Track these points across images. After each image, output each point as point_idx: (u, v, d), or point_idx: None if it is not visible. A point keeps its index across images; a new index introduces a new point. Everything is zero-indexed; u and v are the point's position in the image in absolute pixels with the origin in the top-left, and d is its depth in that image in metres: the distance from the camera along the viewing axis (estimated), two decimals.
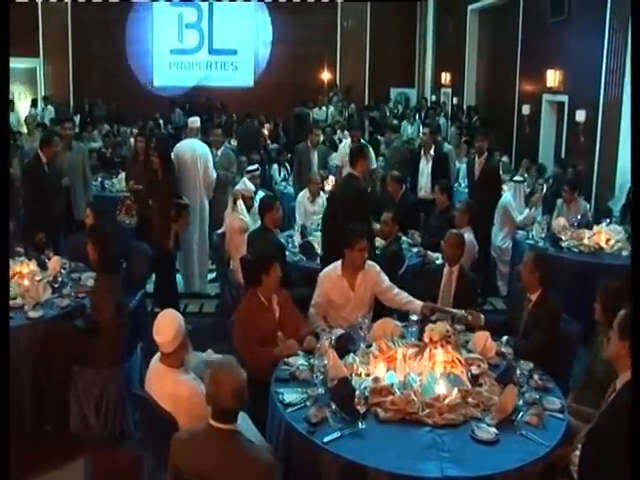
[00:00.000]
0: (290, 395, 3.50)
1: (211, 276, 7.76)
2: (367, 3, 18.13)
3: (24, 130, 14.68)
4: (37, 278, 5.18)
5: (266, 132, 13.29)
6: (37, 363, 4.53)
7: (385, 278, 4.79)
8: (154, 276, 6.84)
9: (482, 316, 4.56)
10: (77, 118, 15.73)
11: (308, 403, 3.44)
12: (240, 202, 6.52)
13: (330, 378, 3.57)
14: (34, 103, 17.25)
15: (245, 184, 6.88)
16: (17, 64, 18.40)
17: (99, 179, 9.24)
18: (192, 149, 7.38)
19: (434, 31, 17.59)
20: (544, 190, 8.58)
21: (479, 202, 6.84)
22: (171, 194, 6.64)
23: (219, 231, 6.84)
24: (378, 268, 4.80)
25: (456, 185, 9.23)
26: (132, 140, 10.33)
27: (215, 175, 7.50)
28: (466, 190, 8.70)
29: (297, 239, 6.25)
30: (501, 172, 8.48)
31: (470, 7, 14.78)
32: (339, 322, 4.61)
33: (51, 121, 14.56)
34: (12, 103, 17.52)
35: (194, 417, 3.25)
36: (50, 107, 17.17)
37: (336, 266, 4.77)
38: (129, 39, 18.24)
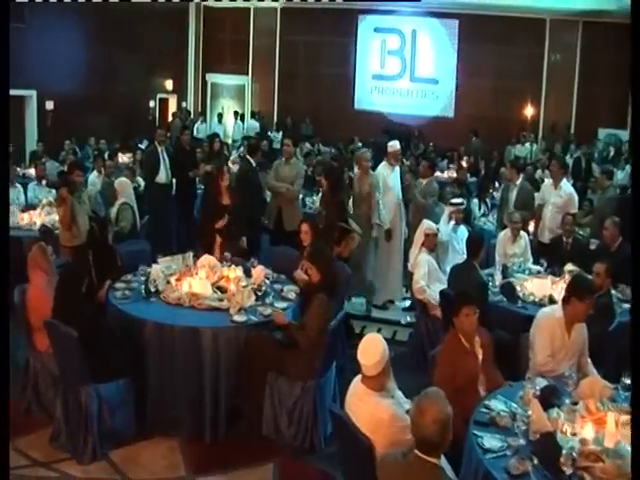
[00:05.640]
0: (490, 441, 3.40)
1: (405, 304, 7.77)
2: (578, 37, 17.34)
3: (229, 141, 15.83)
4: (242, 284, 5.40)
5: (465, 164, 13.13)
6: (236, 366, 4.70)
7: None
8: None
9: None
10: (279, 135, 16.65)
11: (508, 452, 3.31)
12: (422, 254, 6.34)
13: (533, 430, 3.43)
14: (241, 118, 18.50)
15: (427, 224, 6.54)
16: (228, 80, 20.11)
17: (300, 196, 9.52)
18: (384, 175, 7.52)
19: None
20: None
21: None
22: (334, 216, 6.70)
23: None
24: None
25: None
26: None
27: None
28: None
29: (498, 279, 6.05)
30: None
31: None
32: (545, 367, 4.37)
33: (257, 135, 15.56)
34: (220, 116, 19.06)
35: (392, 442, 3.27)
36: (255, 122, 18.36)
37: (555, 308, 4.59)
38: (333, 62, 19.00)
